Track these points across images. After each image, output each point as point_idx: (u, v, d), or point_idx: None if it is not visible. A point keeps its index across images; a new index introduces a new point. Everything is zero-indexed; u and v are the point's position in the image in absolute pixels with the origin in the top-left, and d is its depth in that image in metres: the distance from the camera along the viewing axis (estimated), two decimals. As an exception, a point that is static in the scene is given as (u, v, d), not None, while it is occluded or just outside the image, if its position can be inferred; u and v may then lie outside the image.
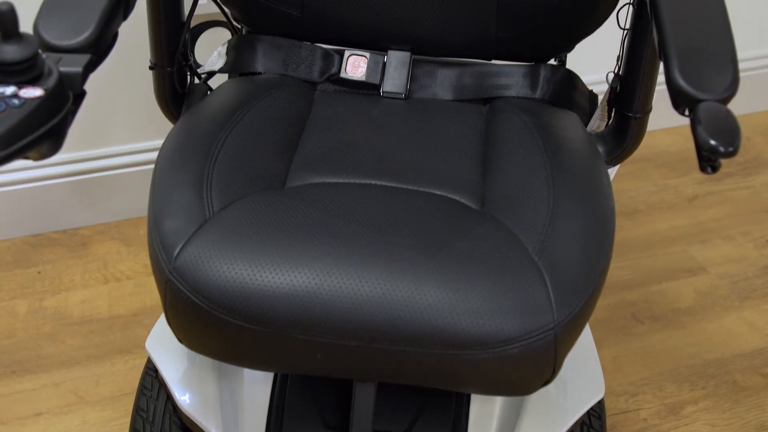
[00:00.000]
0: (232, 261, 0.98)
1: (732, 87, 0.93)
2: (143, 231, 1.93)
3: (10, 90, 0.82)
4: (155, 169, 1.13)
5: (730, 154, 0.86)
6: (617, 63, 1.30)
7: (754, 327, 1.79)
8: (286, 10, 1.30)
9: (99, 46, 0.97)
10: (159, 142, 1.85)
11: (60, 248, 1.89)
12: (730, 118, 0.89)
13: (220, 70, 1.35)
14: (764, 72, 2.34)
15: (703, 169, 0.90)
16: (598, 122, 1.34)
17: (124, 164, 1.89)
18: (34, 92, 0.82)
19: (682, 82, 0.93)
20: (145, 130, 1.87)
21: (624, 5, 1.25)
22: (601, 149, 1.30)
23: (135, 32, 1.34)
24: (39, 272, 1.83)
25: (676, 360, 1.71)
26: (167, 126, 1.36)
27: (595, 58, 1.58)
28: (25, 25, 0.85)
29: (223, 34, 1.42)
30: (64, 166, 1.85)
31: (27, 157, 0.84)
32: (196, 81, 1.37)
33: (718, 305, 1.84)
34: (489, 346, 0.95)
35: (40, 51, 0.84)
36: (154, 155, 1.85)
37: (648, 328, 1.78)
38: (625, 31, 1.26)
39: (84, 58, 0.90)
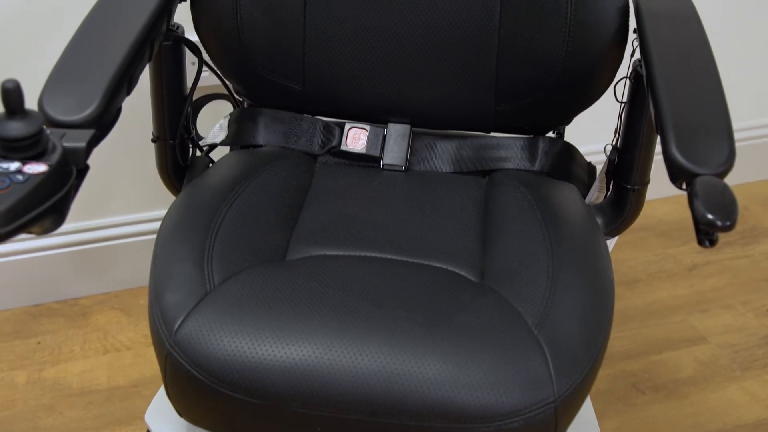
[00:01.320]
0: (232, 335, 0.98)
1: (728, 161, 0.94)
2: (143, 301, 1.93)
3: (14, 166, 0.83)
4: (157, 241, 1.14)
5: (728, 228, 0.87)
6: (615, 135, 1.31)
7: (756, 397, 1.78)
8: (287, 83, 1.32)
9: (103, 121, 0.98)
10: (160, 213, 1.87)
11: (60, 318, 1.88)
12: (726, 192, 0.90)
13: (222, 143, 1.37)
14: (762, 141, 2.36)
15: (701, 242, 0.91)
16: (597, 194, 1.35)
17: (125, 234, 1.90)
18: (38, 168, 0.83)
19: (679, 156, 0.94)
20: (146, 200, 1.88)
21: (621, 79, 1.27)
22: (599, 221, 1.31)
23: (137, 105, 1.36)
24: (38, 342, 1.82)
25: (678, 431, 1.70)
26: (168, 196, 1.37)
27: (594, 129, 1.60)
28: (31, 87, 0.87)
29: (225, 106, 1.44)
30: (65, 236, 1.86)
31: (30, 232, 0.85)
32: (198, 153, 1.38)
33: (720, 375, 1.83)
34: (489, 420, 0.95)
35: (44, 127, 0.85)
36: (155, 225, 1.86)
37: (649, 398, 1.77)
38: (623, 105, 1.28)
39: (88, 133, 0.91)
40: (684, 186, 0.94)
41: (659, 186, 1.43)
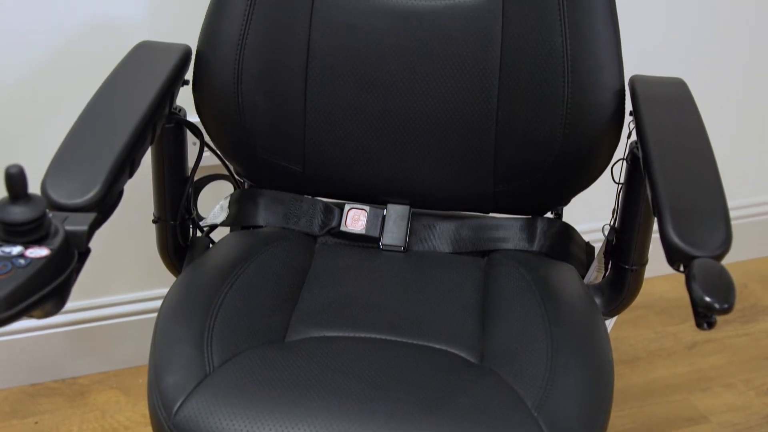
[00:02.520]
0: (231, 417, 0.98)
1: (725, 244, 0.95)
2: (142, 380, 1.92)
3: (16, 250, 0.83)
4: (157, 322, 1.14)
5: (726, 311, 0.87)
6: (613, 216, 1.32)
7: (758, 478, 1.76)
8: (288, 165, 1.34)
9: (105, 204, 0.99)
10: (159, 291, 1.87)
11: (58, 398, 1.87)
12: (724, 274, 0.90)
13: (222, 224, 1.37)
14: (759, 219, 2.37)
15: (699, 325, 0.91)
16: (596, 274, 1.36)
17: (125, 313, 1.90)
18: (40, 252, 0.83)
19: (676, 239, 0.95)
20: (146, 280, 1.88)
21: (618, 161, 1.28)
22: (598, 301, 1.31)
23: (138, 185, 1.37)
24: (36, 423, 1.81)
25: None
26: (168, 275, 1.37)
27: (592, 208, 1.61)
28: (34, 167, 0.88)
29: (226, 186, 1.45)
30: (64, 315, 1.86)
31: (31, 316, 0.85)
32: (199, 234, 1.39)
33: (722, 455, 1.82)
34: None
35: (47, 210, 0.86)
36: (155, 304, 1.86)
37: (651, 478, 1.75)
38: (620, 186, 1.29)
39: (90, 216, 0.92)
40: (681, 268, 0.95)
41: (658, 264, 1.42)
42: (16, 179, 0.83)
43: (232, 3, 1.26)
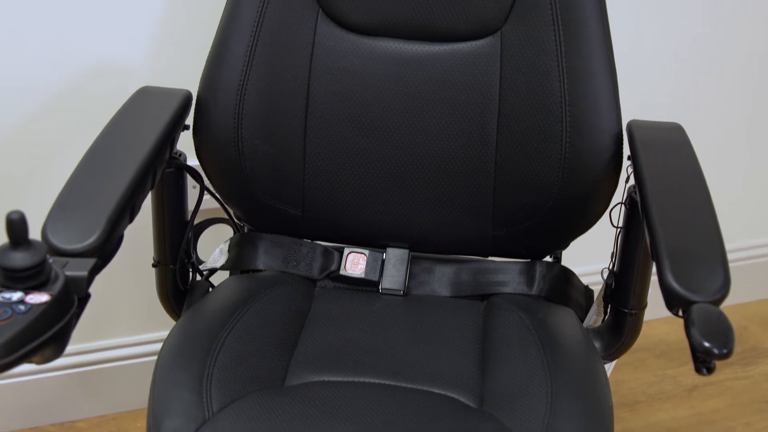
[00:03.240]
0: (230, 463, 0.98)
1: (723, 289, 0.95)
2: (141, 424, 1.91)
3: (16, 296, 0.84)
4: (156, 366, 1.14)
5: (725, 356, 0.87)
6: (612, 260, 1.32)
7: None
8: (287, 209, 1.34)
9: (105, 250, 0.99)
10: (159, 334, 1.87)
11: (56, 441, 1.87)
12: (722, 320, 0.90)
13: (222, 267, 1.38)
14: (759, 261, 2.37)
15: (698, 370, 0.91)
16: (595, 317, 1.36)
17: (124, 356, 1.90)
18: (40, 298, 0.84)
19: (674, 284, 0.95)
20: (145, 324, 1.88)
21: (616, 205, 1.29)
22: (598, 345, 1.31)
23: (138, 229, 1.37)
24: (34, 466, 1.81)
25: None
26: (167, 319, 1.37)
27: (591, 250, 1.61)
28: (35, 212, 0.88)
29: (226, 230, 1.46)
30: (62, 359, 1.85)
31: (30, 362, 0.85)
32: (198, 277, 1.39)
33: (723, 500, 1.81)
34: None
35: (47, 256, 0.87)
36: (154, 347, 1.86)
37: None
38: (618, 230, 1.29)
39: (90, 262, 0.92)
40: (680, 313, 0.95)
41: (658, 306, 1.43)
42: (17, 225, 0.83)
43: (232, 49, 1.27)
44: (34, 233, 0.88)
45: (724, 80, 2.06)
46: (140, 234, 1.38)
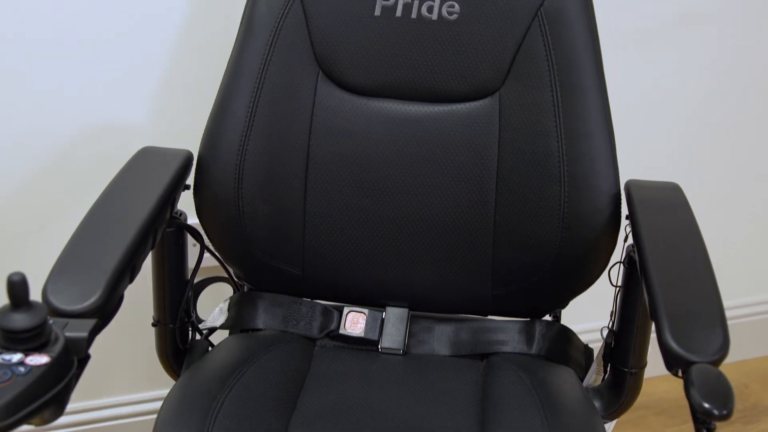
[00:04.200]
0: None
1: (722, 349, 0.95)
2: (138, 483, 1.90)
3: (16, 357, 0.84)
4: (155, 426, 1.14)
5: (725, 417, 0.87)
6: (611, 318, 1.32)
7: None
8: (287, 268, 1.34)
9: (105, 310, 0.99)
10: (158, 393, 1.86)
11: (53, 502, 1.85)
12: (722, 380, 0.90)
13: (222, 326, 1.38)
14: (759, 318, 2.37)
15: (698, 431, 0.91)
16: (595, 376, 1.35)
17: (123, 415, 1.89)
18: (40, 360, 0.84)
19: (673, 345, 0.95)
20: (144, 382, 1.87)
21: (615, 264, 1.29)
22: (597, 404, 1.31)
23: (138, 288, 1.37)
24: None
25: None
26: (166, 378, 1.37)
27: (590, 308, 1.61)
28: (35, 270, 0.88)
29: (225, 288, 1.46)
30: (61, 417, 1.84)
31: (29, 423, 0.85)
32: (198, 336, 1.39)
33: None
34: None
35: (48, 318, 0.87)
36: (153, 406, 1.85)
37: None
38: (617, 289, 1.30)
39: (90, 322, 0.92)
40: (680, 373, 0.95)
41: (658, 364, 1.43)
42: (18, 287, 0.84)
43: (233, 110, 1.29)
44: (35, 291, 0.88)
45: (720, 139, 2.08)
46: (140, 293, 1.38)
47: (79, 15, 1.51)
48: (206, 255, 1.36)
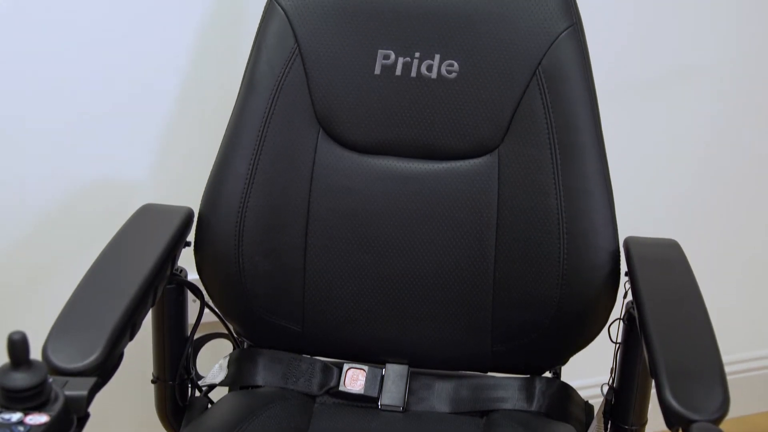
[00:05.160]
0: None
1: (723, 407, 0.95)
2: None
3: (16, 417, 0.83)
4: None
5: None
6: (611, 375, 1.32)
7: None
8: (287, 325, 1.35)
9: (105, 368, 0.99)
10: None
11: None
12: (723, 439, 0.90)
13: (221, 383, 1.37)
14: (760, 373, 2.36)
15: (699, 489, 0.91)
16: (595, 433, 1.35)
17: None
18: (39, 419, 0.83)
19: (674, 403, 0.95)
20: (143, 437, 1.86)
21: (614, 321, 1.29)
22: (599, 462, 1.30)
23: (137, 345, 1.37)
24: None
25: None
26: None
27: (590, 364, 1.61)
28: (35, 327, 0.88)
29: (225, 344, 1.46)
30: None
31: (27, 483, 0.84)
32: (197, 393, 1.39)
33: None
34: None
35: (48, 377, 0.87)
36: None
37: None
38: (617, 345, 1.30)
39: (90, 381, 0.92)
40: (680, 432, 0.95)
41: (658, 420, 1.42)
42: (19, 346, 0.84)
43: (234, 167, 1.29)
44: (35, 347, 0.88)
45: (718, 194, 2.09)
46: (139, 349, 1.38)
47: (87, 71, 1.53)
48: (206, 311, 1.36)
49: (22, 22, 1.47)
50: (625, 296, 1.27)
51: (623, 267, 1.26)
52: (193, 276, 1.34)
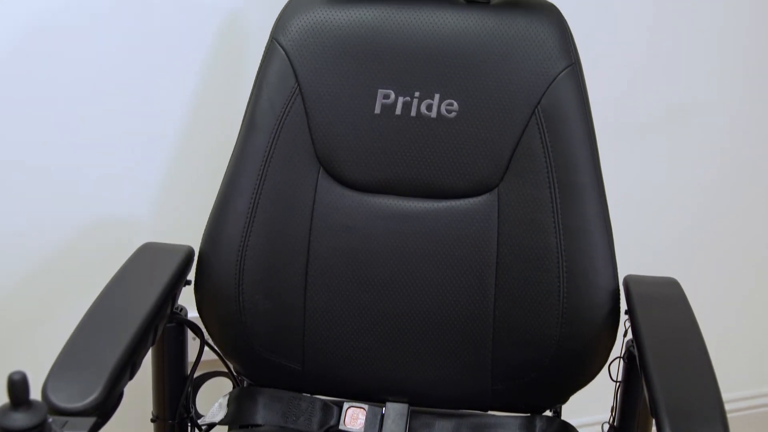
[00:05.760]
0: None
1: (722, 448, 0.95)
2: None
3: (15, 457, 0.83)
4: None
5: None
6: (612, 414, 1.32)
7: None
8: (287, 363, 1.34)
9: (105, 408, 0.99)
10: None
11: None
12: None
13: (221, 422, 1.37)
14: (759, 411, 2.36)
15: None
16: (597, 474, 1.34)
17: None
18: (37, 462, 0.83)
19: (674, 443, 0.95)
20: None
21: (615, 359, 1.29)
22: (600, 502, 1.30)
23: (137, 384, 1.37)
24: None
25: None
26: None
27: (591, 402, 1.60)
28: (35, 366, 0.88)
29: (225, 382, 1.45)
30: None
31: None
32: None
33: None
34: None
35: (48, 416, 0.87)
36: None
37: None
38: (618, 384, 1.29)
39: (89, 421, 0.92)
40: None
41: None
42: (19, 386, 0.83)
43: (234, 206, 1.30)
44: (35, 385, 0.88)
45: (717, 232, 2.09)
46: (139, 388, 1.38)
47: (89, 110, 1.54)
48: (206, 349, 1.36)
49: (24, 69, 1.48)
50: (625, 335, 1.27)
51: (623, 305, 1.26)
52: (193, 314, 1.34)
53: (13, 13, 1.46)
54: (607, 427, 1.32)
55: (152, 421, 1.33)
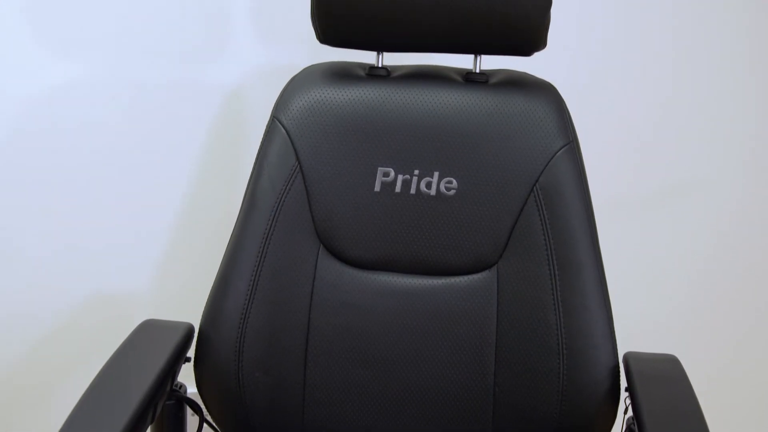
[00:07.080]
0: None
1: None
2: None
3: None
4: None
5: None
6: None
7: None
8: None
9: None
10: None
11: None
12: None
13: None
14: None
15: None
16: None
17: None
18: None
19: None
20: None
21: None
22: None
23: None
24: None
25: None
26: None
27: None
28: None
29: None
30: None
31: None
32: None
33: None
34: None
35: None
36: None
37: None
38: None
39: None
40: None
41: None
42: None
43: (234, 284, 1.30)
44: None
45: (718, 309, 2.09)
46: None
47: (92, 187, 1.55)
48: (204, 426, 1.35)
49: (21, 149, 1.50)
50: (625, 412, 1.27)
51: (623, 382, 1.26)
52: (192, 390, 1.33)
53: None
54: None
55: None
